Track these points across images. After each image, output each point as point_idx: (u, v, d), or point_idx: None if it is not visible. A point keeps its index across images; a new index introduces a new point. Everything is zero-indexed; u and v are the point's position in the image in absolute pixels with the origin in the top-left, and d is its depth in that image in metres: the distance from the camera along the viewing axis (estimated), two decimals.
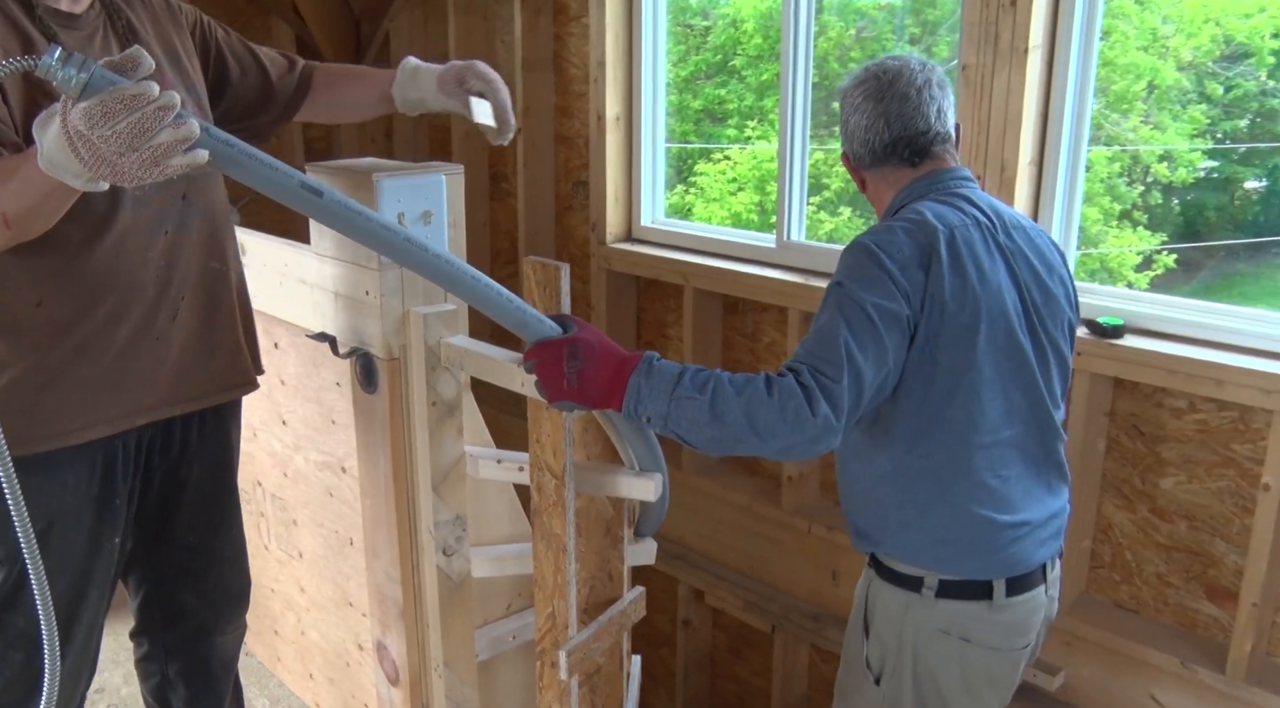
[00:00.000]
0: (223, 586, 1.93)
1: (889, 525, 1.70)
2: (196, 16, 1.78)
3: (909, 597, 1.70)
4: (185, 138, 1.17)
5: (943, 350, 1.59)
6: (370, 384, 1.82)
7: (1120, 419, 2.60)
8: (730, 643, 3.87)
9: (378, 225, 1.36)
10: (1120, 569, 2.68)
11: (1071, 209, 2.62)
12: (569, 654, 1.69)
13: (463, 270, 1.43)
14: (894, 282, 1.55)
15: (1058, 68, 2.53)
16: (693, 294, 3.48)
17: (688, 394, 1.46)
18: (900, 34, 7.28)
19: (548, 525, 1.68)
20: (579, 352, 1.45)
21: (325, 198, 1.31)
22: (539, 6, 3.82)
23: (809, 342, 1.54)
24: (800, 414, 1.44)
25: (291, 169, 1.29)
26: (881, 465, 1.67)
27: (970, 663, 1.72)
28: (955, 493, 1.65)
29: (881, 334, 1.53)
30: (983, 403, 1.63)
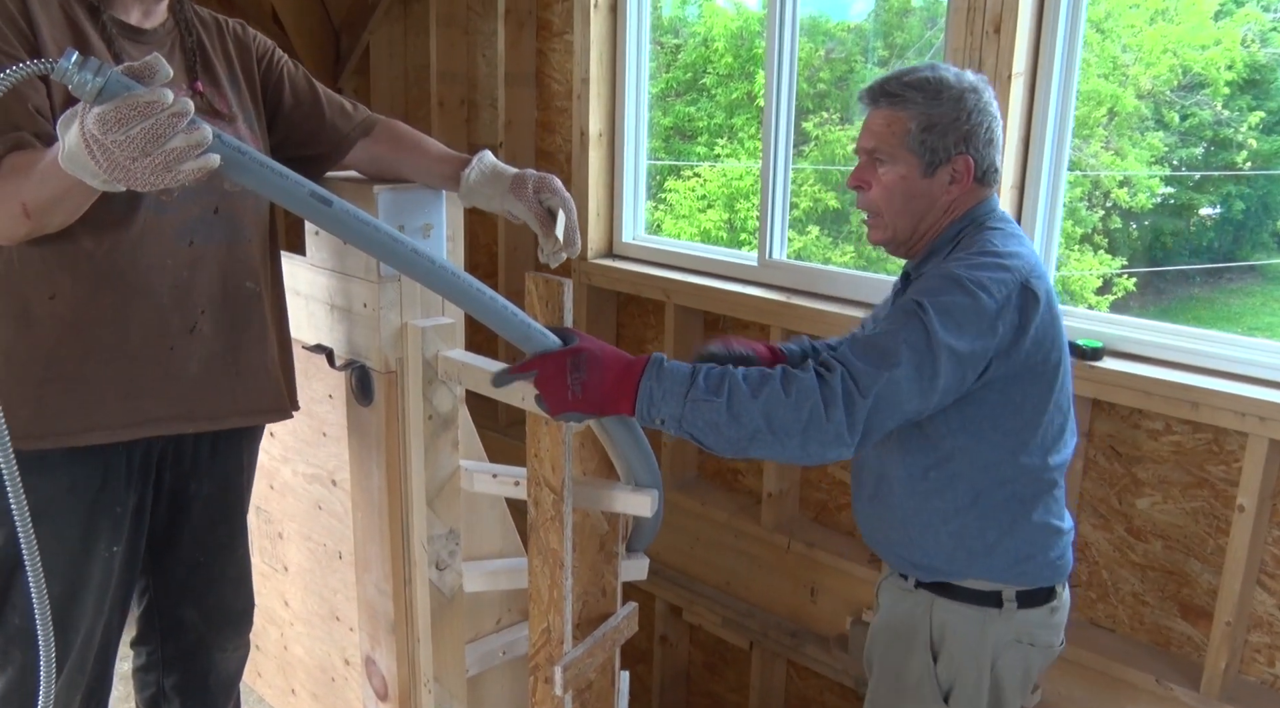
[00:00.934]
0: (224, 605, 1.91)
1: (973, 553, 1.67)
2: (269, 48, 1.79)
3: (987, 613, 1.70)
4: (197, 144, 1.18)
5: (1031, 386, 1.60)
6: (366, 397, 1.81)
7: (1098, 440, 2.65)
8: (707, 659, 3.87)
9: (385, 235, 1.36)
10: (1097, 588, 2.72)
11: (1051, 231, 2.68)
12: (565, 670, 1.69)
13: (467, 282, 1.44)
14: (984, 321, 1.51)
15: (1039, 94, 2.58)
16: (674, 311, 3.50)
17: (703, 397, 1.44)
18: (869, 56, 7.39)
19: (544, 541, 1.68)
20: (582, 362, 1.45)
21: (334, 207, 1.31)
22: (522, 21, 3.84)
23: (862, 345, 1.52)
24: (815, 415, 1.44)
25: (301, 178, 1.30)
26: (960, 498, 1.66)
27: (1031, 665, 1.77)
28: (1035, 512, 1.69)
29: (939, 373, 1.49)
30: (1064, 433, 1.69)
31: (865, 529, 1.83)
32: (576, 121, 3.68)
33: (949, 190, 1.65)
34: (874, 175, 1.67)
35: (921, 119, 1.62)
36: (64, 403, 1.57)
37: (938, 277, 1.55)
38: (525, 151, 3.97)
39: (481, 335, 3.45)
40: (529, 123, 3.95)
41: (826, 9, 7.13)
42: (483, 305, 1.45)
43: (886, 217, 1.68)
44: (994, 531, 1.66)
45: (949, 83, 1.63)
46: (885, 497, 1.73)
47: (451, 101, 4.19)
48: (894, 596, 1.79)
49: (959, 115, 1.62)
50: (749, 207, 7.59)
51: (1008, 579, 1.70)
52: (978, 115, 1.63)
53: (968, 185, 1.65)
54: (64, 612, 1.63)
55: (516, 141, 3.94)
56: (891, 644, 1.78)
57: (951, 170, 1.64)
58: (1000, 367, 1.56)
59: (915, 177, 1.64)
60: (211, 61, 1.69)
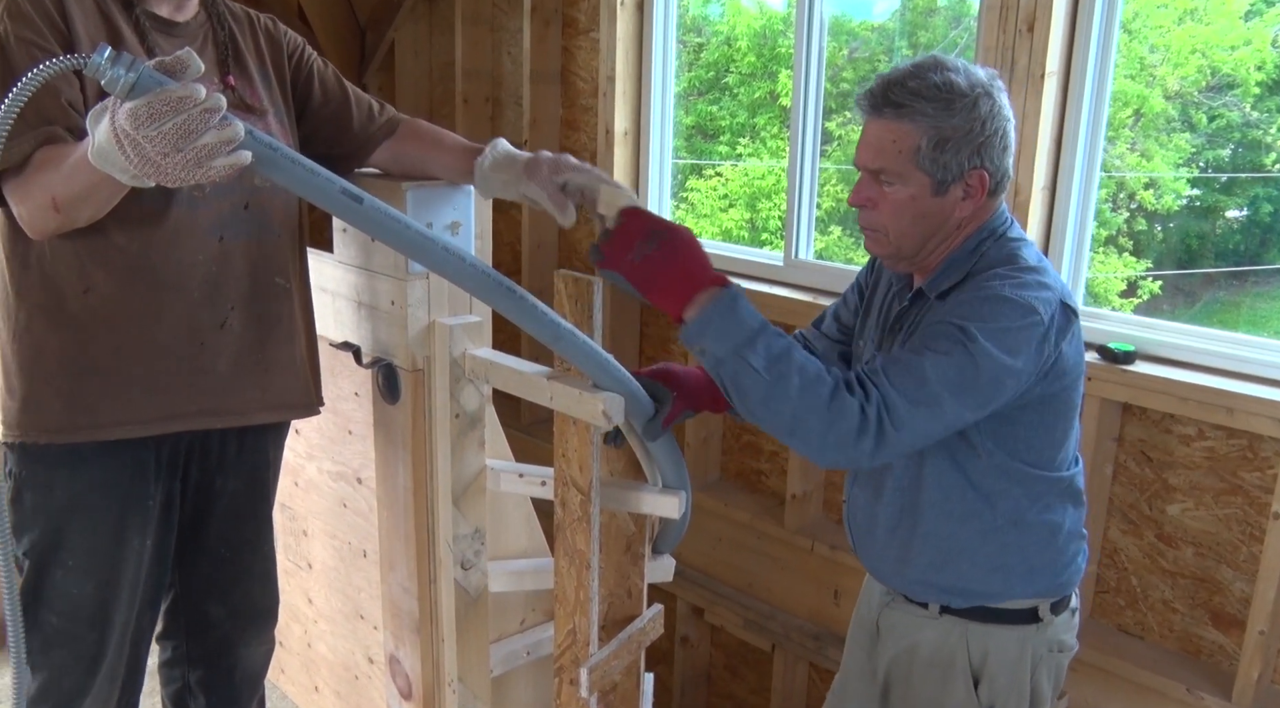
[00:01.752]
0: (250, 600, 1.91)
1: (1012, 572, 1.62)
2: (299, 44, 1.80)
3: (1025, 631, 1.66)
4: (229, 140, 1.17)
5: (1064, 402, 1.57)
6: (392, 395, 1.80)
7: (1129, 445, 2.61)
8: (728, 661, 3.85)
9: (416, 233, 1.35)
10: (1126, 594, 2.68)
11: (1083, 235, 2.64)
12: (590, 671, 1.67)
13: (498, 280, 1.42)
14: (1035, 342, 1.44)
15: (1072, 94, 2.55)
16: None
17: (755, 364, 1.38)
18: (893, 55, 7.33)
19: (571, 541, 1.66)
20: (663, 238, 1.41)
21: (365, 205, 1.30)
22: (548, 19, 3.82)
23: (900, 370, 1.44)
24: (844, 438, 1.40)
25: (333, 175, 1.29)
26: (999, 517, 1.60)
27: (1060, 669, 1.74)
28: (1068, 522, 1.66)
29: (985, 399, 1.44)
30: (1078, 443, 1.66)
31: (879, 564, 1.75)
32: (602, 120, 3.66)
33: (961, 206, 1.51)
34: (879, 194, 1.52)
35: (933, 134, 1.45)
36: (95, 397, 1.57)
37: (983, 300, 1.46)
38: (550, 149, 3.95)
39: (505, 334, 3.45)
40: (554, 121, 3.94)
41: (850, 8, 7.08)
42: (514, 303, 1.44)
43: (892, 235, 1.54)
44: (1034, 546, 1.63)
45: (960, 88, 1.45)
46: (914, 525, 1.66)
47: (476, 99, 4.18)
48: (911, 624, 1.72)
49: (973, 127, 1.46)
50: (770, 206, 7.56)
51: (1045, 593, 1.66)
52: (993, 123, 1.47)
53: (981, 200, 1.52)
54: (100, 607, 1.64)
55: (541, 140, 3.93)
56: (926, 675, 1.71)
57: (965, 186, 1.49)
58: (1041, 386, 1.51)
59: (925, 196, 1.49)
60: (243, 55, 1.69)
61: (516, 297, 1.42)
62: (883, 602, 1.78)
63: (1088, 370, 2.49)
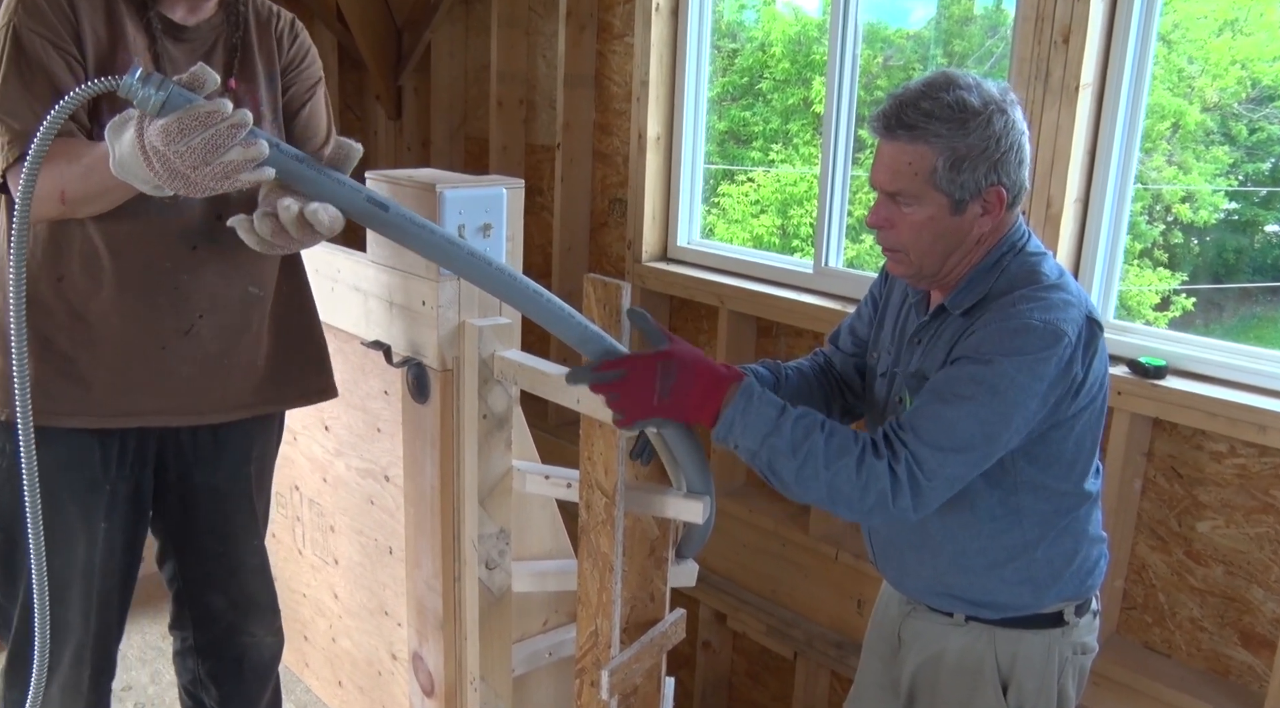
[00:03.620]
0: (249, 593, 1.92)
1: (1040, 584, 1.63)
2: (305, 62, 1.79)
3: (1051, 634, 1.66)
4: (254, 157, 1.22)
5: (1090, 415, 1.56)
6: (422, 394, 1.82)
7: (1158, 460, 2.59)
8: (750, 668, 3.85)
9: (442, 239, 1.37)
10: (1153, 611, 2.66)
11: (1115, 248, 2.63)
12: (611, 674, 1.68)
13: (525, 285, 1.44)
14: (1063, 364, 1.44)
15: (1107, 106, 2.53)
16: (727, 316, 3.49)
17: (782, 450, 1.43)
18: (928, 64, 7.29)
19: (595, 544, 1.67)
20: (673, 368, 1.43)
21: (391, 212, 1.33)
22: (583, 23, 3.84)
23: (925, 421, 1.44)
24: (882, 501, 1.42)
25: (358, 185, 1.32)
26: (1028, 533, 1.61)
27: (1083, 672, 1.74)
28: (1091, 528, 1.67)
29: (1017, 431, 1.45)
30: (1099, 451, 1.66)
31: (904, 579, 1.75)
32: (634, 124, 3.68)
33: (980, 222, 1.50)
34: (897, 215, 1.51)
35: (948, 154, 1.44)
36: (56, 384, 1.59)
37: (1010, 332, 1.45)
38: (583, 153, 3.98)
39: (533, 336, 3.47)
40: (587, 125, 3.96)
41: (887, 16, 7.05)
42: (540, 308, 1.45)
43: (913, 255, 1.54)
44: (1061, 558, 1.63)
45: (973, 107, 1.44)
46: (942, 543, 1.65)
47: (510, 102, 4.21)
48: (936, 632, 1.72)
49: (988, 144, 1.44)
50: (802, 213, 7.54)
51: (1070, 597, 1.67)
52: (1008, 138, 1.46)
53: (1000, 215, 1.51)
54: (63, 585, 1.66)
55: (574, 143, 3.95)
56: (953, 683, 1.71)
57: (983, 202, 1.49)
58: (1070, 404, 1.51)
59: (944, 216, 1.49)
60: (253, 60, 1.69)
61: (543, 300, 1.43)
62: (904, 611, 1.78)
63: (1117, 385, 2.49)
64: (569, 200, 3.99)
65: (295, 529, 2.42)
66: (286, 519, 2.45)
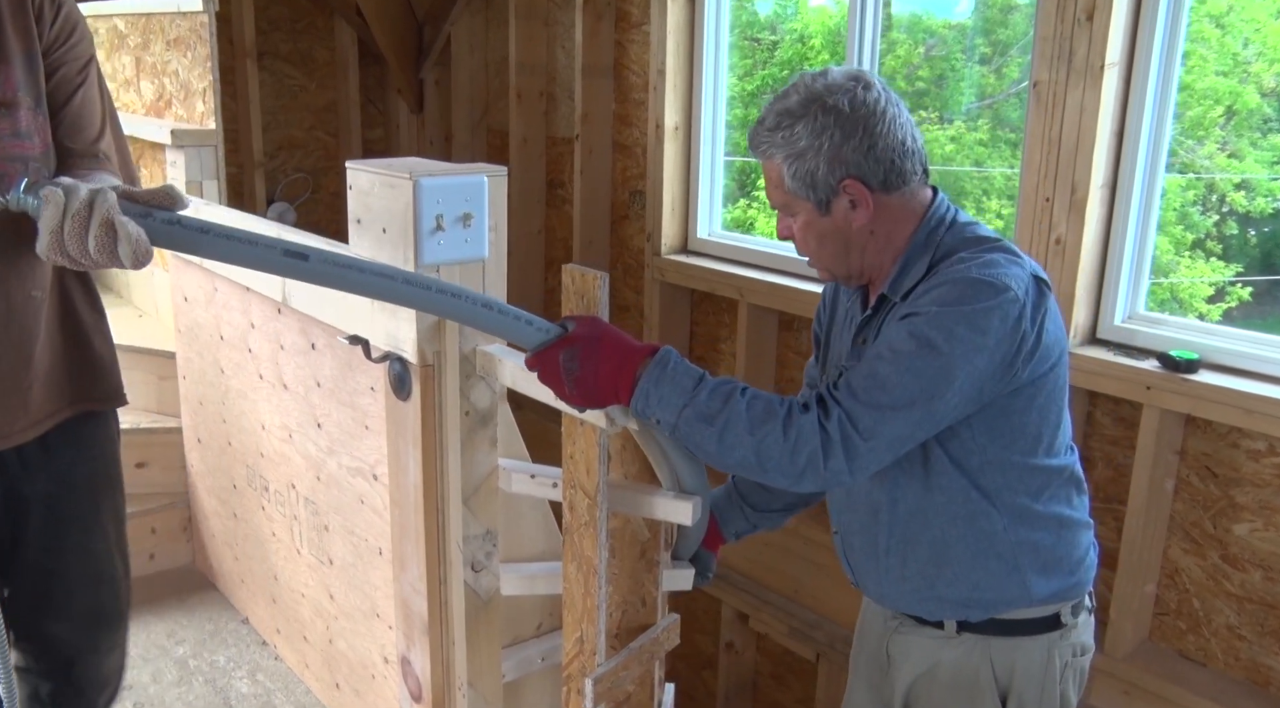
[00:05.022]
0: (92, 609, 1.78)
1: (1027, 575, 1.54)
2: (67, 29, 1.64)
3: (1050, 639, 1.58)
4: (141, 250, 1.20)
5: (1051, 383, 1.48)
6: (403, 390, 1.76)
7: (1191, 459, 2.47)
8: (774, 669, 3.76)
9: (371, 275, 1.31)
10: (1187, 618, 2.53)
11: (1145, 235, 2.50)
12: (595, 682, 1.61)
13: (472, 299, 1.39)
14: (1011, 320, 1.37)
15: (1135, 87, 2.41)
16: (747, 310, 3.40)
17: (698, 419, 1.36)
18: (970, 54, 7.12)
19: (578, 546, 1.60)
20: (576, 353, 1.37)
21: (312, 260, 1.26)
22: (600, 13, 3.77)
23: (860, 377, 1.38)
24: (812, 462, 1.34)
25: (272, 238, 1.26)
26: (1005, 516, 1.52)
27: (1083, 672, 1.65)
28: (1074, 514, 1.58)
29: (964, 389, 1.36)
30: (1069, 427, 1.57)
31: (887, 589, 1.65)
32: (652, 114, 3.60)
33: (855, 216, 1.48)
34: (791, 225, 1.55)
35: (789, 161, 1.47)
36: None
37: (949, 284, 1.39)
38: (602, 144, 3.91)
39: None
40: (606, 115, 3.89)
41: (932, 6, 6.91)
42: (491, 320, 1.40)
43: (815, 260, 1.56)
44: (1045, 541, 1.54)
45: (795, 111, 1.45)
46: (919, 538, 1.57)
47: (530, 93, 4.15)
48: (927, 646, 1.63)
49: (818, 141, 1.44)
50: None
51: (1063, 595, 1.57)
52: (842, 129, 1.43)
53: (871, 206, 1.47)
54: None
55: (593, 134, 3.88)
56: (950, 699, 1.62)
57: (847, 199, 1.47)
58: (1027, 369, 1.43)
59: (815, 218, 1.50)
60: (4, 37, 1.54)
61: (493, 312, 1.39)
62: (889, 628, 1.69)
63: (1146, 379, 2.37)
64: (588, 193, 3.93)
65: (293, 528, 2.38)
66: (285, 517, 2.41)
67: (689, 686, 4.12)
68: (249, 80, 4.42)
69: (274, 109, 4.69)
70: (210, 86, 2.82)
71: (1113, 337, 2.55)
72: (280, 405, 2.32)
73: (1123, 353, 2.49)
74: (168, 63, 3.05)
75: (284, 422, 2.32)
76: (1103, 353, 2.50)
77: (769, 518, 1.88)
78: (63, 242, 1.18)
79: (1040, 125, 2.49)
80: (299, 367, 2.21)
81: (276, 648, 2.62)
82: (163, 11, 3.01)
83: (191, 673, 2.55)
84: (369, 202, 1.73)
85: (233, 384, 2.56)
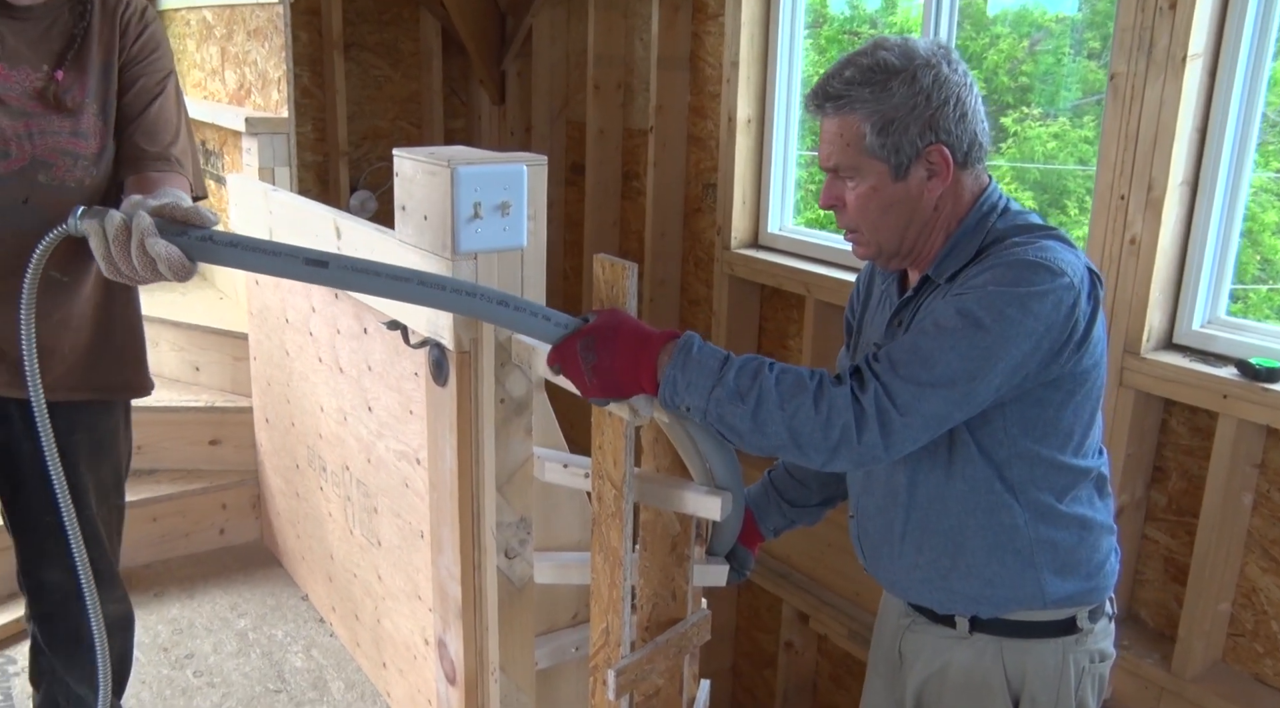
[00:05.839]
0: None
1: (1044, 574, 1.49)
2: (148, 49, 1.77)
3: (1064, 642, 1.53)
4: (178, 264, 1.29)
5: (1091, 381, 1.44)
6: (441, 376, 1.78)
7: (1272, 472, 2.34)
8: (833, 671, 3.71)
9: (387, 278, 1.34)
10: (1265, 640, 2.41)
11: (1229, 235, 2.38)
12: (619, 674, 1.60)
13: (490, 296, 1.40)
14: (1064, 305, 1.32)
15: (1221, 79, 2.29)
16: (814, 305, 3.35)
17: (728, 399, 1.32)
18: (1078, 48, 6.89)
19: (605, 537, 1.60)
20: (592, 343, 1.35)
21: (331, 267, 1.32)
22: (678, 4, 3.75)
23: (901, 351, 1.34)
24: (846, 436, 1.30)
25: (293, 247, 1.32)
26: (1027, 510, 1.48)
27: (1102, 679, 1.59)
28: (1097, 517, 1.52)
29: (1007, 370, 1.31)
30: (1100, 430, 1.52)
31: (898, 576, 1.61)
32: (724, 106, 3.57)
33: (929, 187, 1.42)
34: (844, 191, 1.46)
35: (875, 118, 1.39)
36: None
37: (1003, 266, 1.34)
38: (676, 136, 3.89)
39: None
40: (681, 107, 3.87)
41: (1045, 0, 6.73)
42: (509, 317, 1.41)
43: (867, 232, 1.47)
44: (1064, 542, 1.48)
45: (894, 66, 1.38)
46: (932, 527, 1.52)
47: (607, 85, 4.16)
48: (938, 645, 1.58)
49: (915, 101, 1.38)
50: None
51: (1080, 599, 1.51)
52: (939, 93, 1.38)
53: (949, 176, 1.42)
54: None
55: (667, 126, 3.87)
56: (960, 700, 1.57)
57: (926, 164, 1.41)
58: (1072, 361, 1.37)
59: (886, 184, 1.42)
60: (89, 49, 1.67)
61: (509, 309, 1.40)
62: (902, 625, 1.64)
63: (1223, 388, 2.26)
64: (661, 185, 3.91)
65: (347, 509, 2.43)
66: (340, 498, 2.46)
67: (750, 683, 4.09)
68: (336, 71, 4.53)
69: (360, 99, 4.79)
70: (285, 76, 2.90)
71: (1190, 342, 2.44)
72: (336, 388, 2.37)
73: (1199, 359, 2.38)
74: (248, 53, 3.13)
75: (339, 404, 2.37)
76: (1178, 359, 2.39)
77: (806, 513, 1.85)
78: (114, 264, 1.31)
79: (1117, 120, 2.38)
80: (353, 351, 2.25)
81: (332, 625, 2.68)
82: (244, 3, 3.10)
83: (250, 645, 2.62)
84: (412, 189, 1.75)
85: (296, 366, 2.62)
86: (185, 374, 3.28)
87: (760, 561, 3.67)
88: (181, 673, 2.49)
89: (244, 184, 2.71)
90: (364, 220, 2.06)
